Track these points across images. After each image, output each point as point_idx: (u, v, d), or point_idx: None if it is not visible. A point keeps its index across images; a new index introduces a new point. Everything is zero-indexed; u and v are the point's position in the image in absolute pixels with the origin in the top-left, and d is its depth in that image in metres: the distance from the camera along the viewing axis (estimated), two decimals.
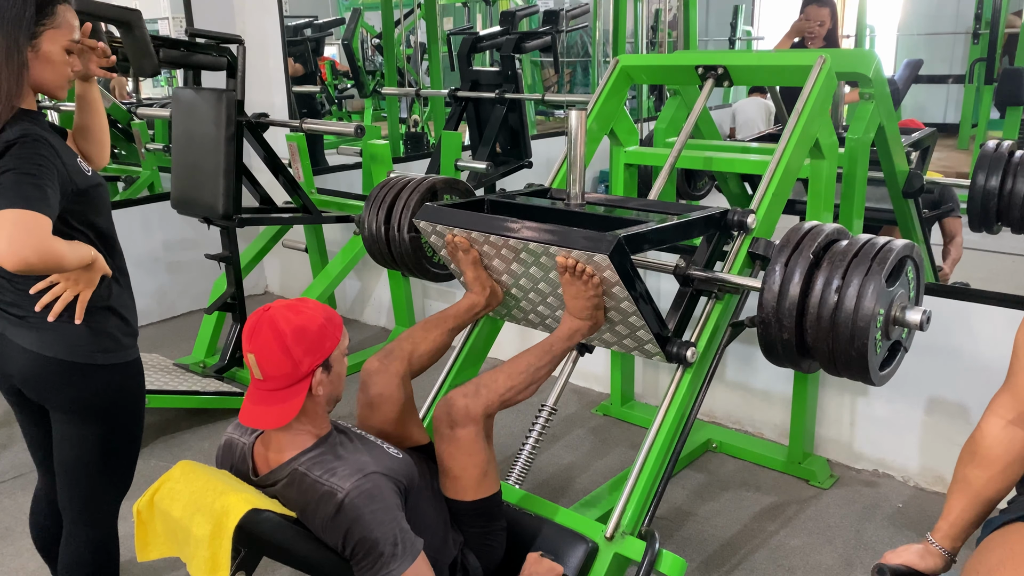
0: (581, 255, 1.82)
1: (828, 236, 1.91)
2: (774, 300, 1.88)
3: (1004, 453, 1.47)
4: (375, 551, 1.52)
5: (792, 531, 2.57)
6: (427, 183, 2.59)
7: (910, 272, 1.91)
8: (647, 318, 1.92)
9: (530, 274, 2.03)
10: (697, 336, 2.08)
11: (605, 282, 1.86)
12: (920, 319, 1.86)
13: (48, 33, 1.66)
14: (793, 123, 2.24)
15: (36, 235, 1.53)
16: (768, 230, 2.19)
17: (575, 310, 1.92)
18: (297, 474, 1.62)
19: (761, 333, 1.94)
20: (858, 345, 1.80)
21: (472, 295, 2.15)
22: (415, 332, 2.06)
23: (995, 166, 2.75)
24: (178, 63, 3.27)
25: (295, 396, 1.59)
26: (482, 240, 2.02)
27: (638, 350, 2.07)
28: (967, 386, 2.62)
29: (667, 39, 5.87)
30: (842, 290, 1.80)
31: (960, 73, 5.96)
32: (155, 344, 4.24)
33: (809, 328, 1.87)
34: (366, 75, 6.21)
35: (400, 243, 2.57)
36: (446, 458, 1.80)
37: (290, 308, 1.61)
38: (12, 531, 2.66)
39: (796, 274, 1.86)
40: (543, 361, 1.90)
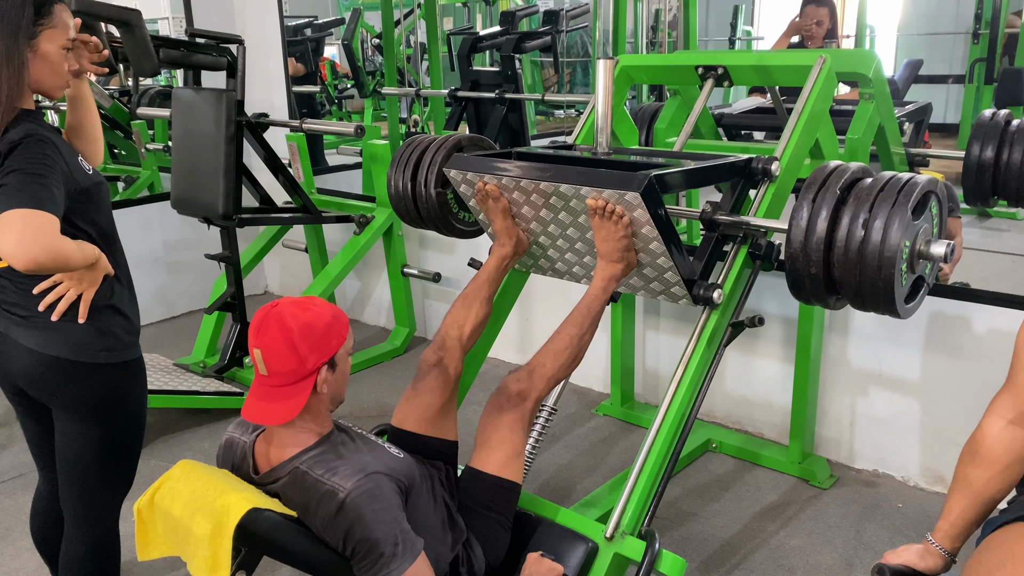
0: (612, 195, 1.84)
1: (854, 174, 1.92)
2: (802, 236, 1.89)
3: (1005, 453, 1.47)
4: (376, 551, 1.52)
5: (792, 531, 2.57)
6: (453, 139, 2.56)
7: (934, 208, 1.93)
8: (676, 259, 1.94)
9: (559, 219, 2.05)
10: (723, 279, 2.10)
11: (635, 222, 1.89)
12: (944, 252, 1.87)
13: (46, 33, 1.67)
14: (793, 123, 2.24)
15: (45, 234, 1.54)
16: (791, 178, 2.22)
17: (607, 252, 1.94)
18: (298, 472, 1.62)
19: (789, 270, 1.95)
20: (885, 276, 1.80)
21: (499, 248, 2.17)
22: (457, 314, 2.10)
23: (991, 135, 2.64)
24: (178, 63, 3.27)
25: (299, 393, 1.59)
26: (512, 186, 2.04)
27: (664, 293, 2.09)
28: (967, 386, 2.62)
29: (667, 39, 5.86)
30: (869, 224, 1.81)
31: (960, 73, 5.95)
32: (155, 344, 4.24)
33: (836, 263, 1.88)
34: (366, 75, 6.21)
35: (427, 199, 2.55)
36: (488, 430, 1.89)
37: (298, 305, 1.62)
38: (12, 531, 2.66)
39: (823, 210, 1.87)
40: (584, 326, 1.94)
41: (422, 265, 4.14)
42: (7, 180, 1.56)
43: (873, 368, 2.82)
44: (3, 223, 1.52)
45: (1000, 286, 2.61)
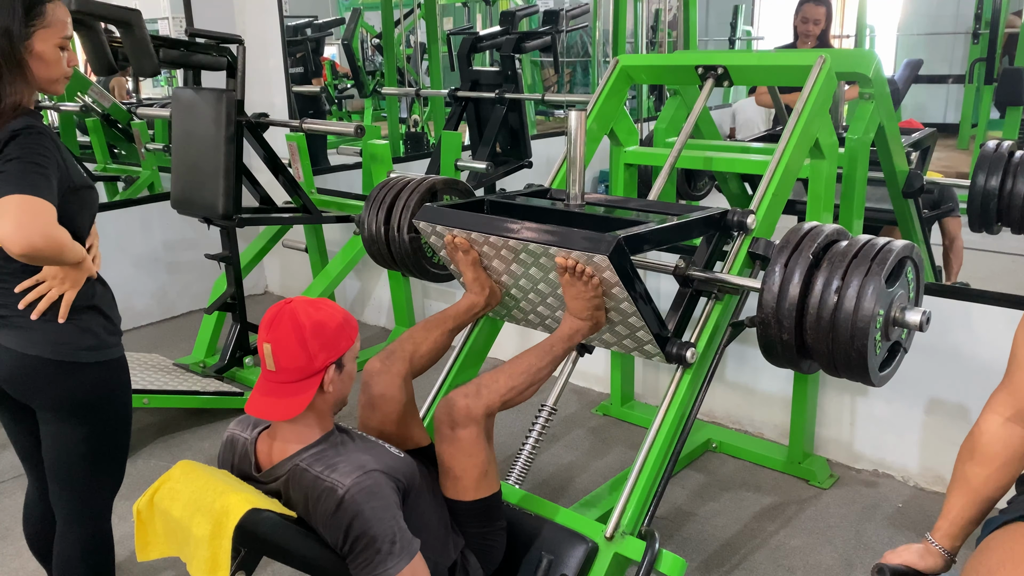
0: (581, 256, 1.82)
1: (828, 237, 1.91)
2: (774, 300, 1.88)
3: (1003, 450, 1.47)
4: (372, 547, 1.53)
5: (792, 531, 2.57)
6: (427, 183, 2.59)
7: (910, 273, 1.91)
8: (647, 319, 1.92)
9: (530, 275, 2.03)
10: (697, 336, 2.08)
11: (605, 282, 1.86)
12: (920, 320, 1.86)
13: (39, 33, 1.68)
14: (793, 123, 2.24)
15: (43, 220, 1.56)
16: (768, 230, 2.19)
17: (575, 310, 1.92)
18: (298, 469, 1.62)
19: (761, 333, 1.94)
20: (858, 346, 1.80)
21: (471, 295, 2.15)
22: (416, 333, 2.06)
23: (995, 166, 2.75)
24: (178, 63, 3.27)
25: (306, 391, 1.60)
26: (482, 241, 2.02)
27: (638, 351, 2.07)
28: (967, 386, 2.62)
29: (667, 39, 5.87)
30: (842, 291, 1.80)
31: (960, 73, 5.95)
32: (155, 344, 4.24)
33: (809, 329, 1.87)
34: (366, 75, 6.21)
35: (400, 244, 2.57)
36: (447, 458, 1.80)
37: (311, 304, 1.64)
38: (12, 531, 2.66)
39: (796, 274, 1.86)
40: (544, 361, 1.89)
41: None
42: (6, 167, 1.57)
43: None
44: (2, 208, 1.53)
45: (1000, 286, 2.61)
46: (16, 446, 2.00)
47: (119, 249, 4.42)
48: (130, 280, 4.49)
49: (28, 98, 1.70)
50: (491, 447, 1.82)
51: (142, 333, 4.46)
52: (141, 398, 3.06)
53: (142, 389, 3.09)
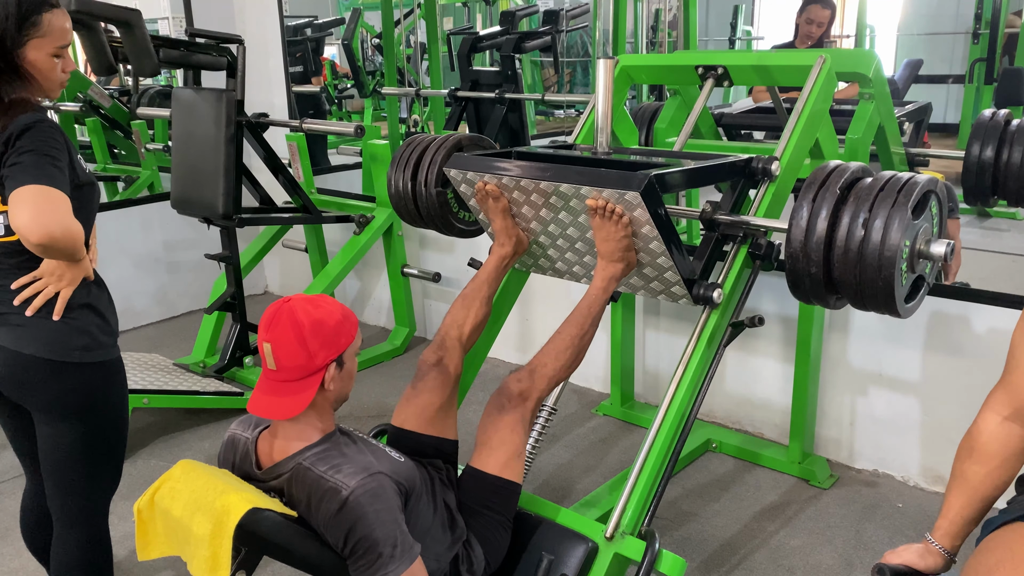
0: (612, 194, 1.84)
1: (853, 173, 1.92)
2: (802, 235, 1.89)
3: (1001, 448, 1.47)
4: (374, 551, 1.53)
5: (792, 531, 2.57)
6: (453, 139, 2.56)
7: (933, 207, 1.93)
8: (675, 258, 1.94)
9: (559, 219, 2.05)
10: (723, 278, 2.10)
11: (635, 222, 1.89)
12: (944, 251, 1.87)
13: (33, 42, 1.69)
14: (793, 123, 2.24)
15: (62, 212, 1.58)
16: (791, 178, 2.22)
17: (607, 252, 1.95)
18: (301, 468, 1.62)
19: (789, 269, 1.95)
20: (885, 276, 1.80)
21: (499, 248, 2.17)
22: (457, 314, 2.10)
23: (991, 135, 2.64)
24: (178, 63, 3.27)
25: (307, 389, 1.60)
26: (512, 185, 2.04)
27: (665, 293, 2.09)
28: (967, 386, 2.61)
29: (667, 39, 5.87)
30: (869, 223, 1.81)
31: (960, 73, 5.96)
32: (155, 344, 4.24)
33: (836, 262, 1.88)
34: (366, 75, 6.22)
35: (427, 199, 2.54)
36: (489, 430, 1.89)
37: (310, 302, 1.64)
38: (12, 531, 2.66)
39: (823, 209, 1.87)
40: (585, 326, 1.94)
41: (422, 265, 4.14)
42: (21, 159, 1.59)
43: (873, 368, 2.82)
44: (20, 197, 1.55)
45: (1000, 286, 2.61)
46: (14, 445, 2.00)
47: (119, 249, 4.42)
48: (130, 280, 4.49)
49: (33, 95, 1.72)
50: (527, 436, 1.91)
51: (142, 333, 4.46)
52: (141, 398, 3.06)
53: (142, 389, 3.09)
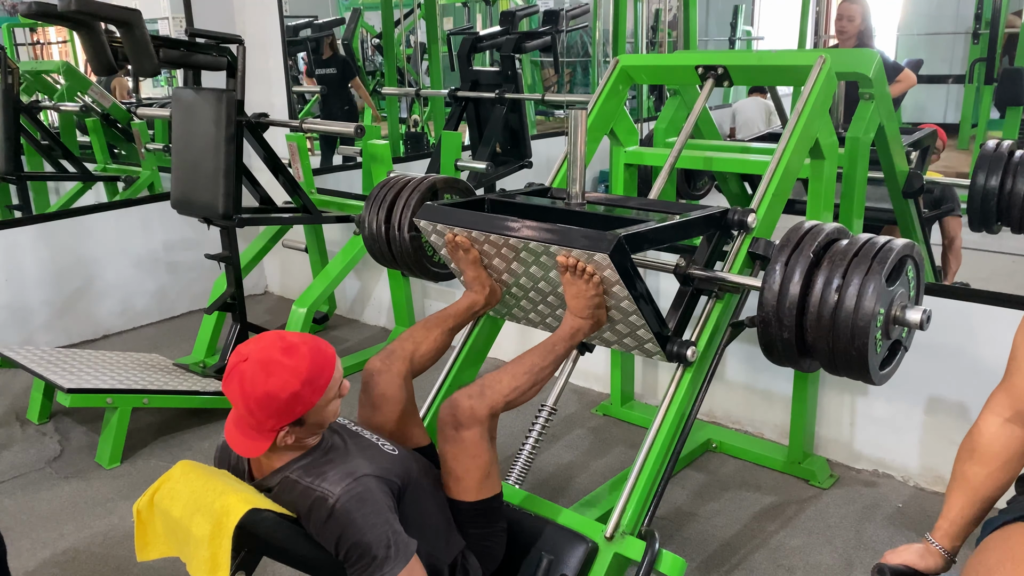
0: (581, 254, 1.83)
1: (828, 235, 1.91)
2: (774, 299, 1.89)
3: (1002, 450, 1.47)
4: (368, 554, 1.53)
5: (792, 531, 2.57)
6: (427, 182, 2.60)
7: (910, 271, 1.92)
8: (647, 317, 1.92)
9: (530, 273, 2.03)
10: (697, 335, 2.08)
11: (606, 281, 1.86)
12: (920, 318, 1.86)
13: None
14: (793, 123, 2.24)
15: None
16: (768, 229, 2.19)
17: (576, 309, 1.92)
18: (288, 481, 1.62)
19: (761, 332, 1.94)
20: (858, 344, 1.80)
21: (472, 294, 2.15)
22: (416, 332, 2.05)
23: (995, 166, 2.76)
24: (178, 63, 3.26)
25: (259, 440, 1.58)
26: (482, 239, 2.02)
27: (638, 349, 2.07)
28: (967, 386, 2.62)
29: (667, 39, 5.87)
30: (842, 289, 1.80)
31: (960, 73, 5.95)
32: (155, 344, 4.24)
33: (809, 327, 1.87)
34: (366, 75, 6.21)
35: (400, 242, 2.57)
36: (449, 459, 1.79)
37: (264, 367, 1.53)
38: (12, 531, 2.66)
39: (796, 273, 1.86)
40: (546, 361, 1.89)
41: None
42: None
43: None
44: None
45: (1000, 286, 2.61)
46: None
47: (119, 249, 4.43)
48: (130, 280, 4.49)
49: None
50: (494, 448, 1.81)
51: (142, 333, 4.46)
52: (141, 398, 3.06)
53: (142, 389, 3.09)
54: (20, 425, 3.34)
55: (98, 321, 4.36)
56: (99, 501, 2.81)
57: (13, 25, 5.10)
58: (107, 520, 2.69)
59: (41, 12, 2.80)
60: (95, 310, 4.34)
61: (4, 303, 4.05)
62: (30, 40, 5.41)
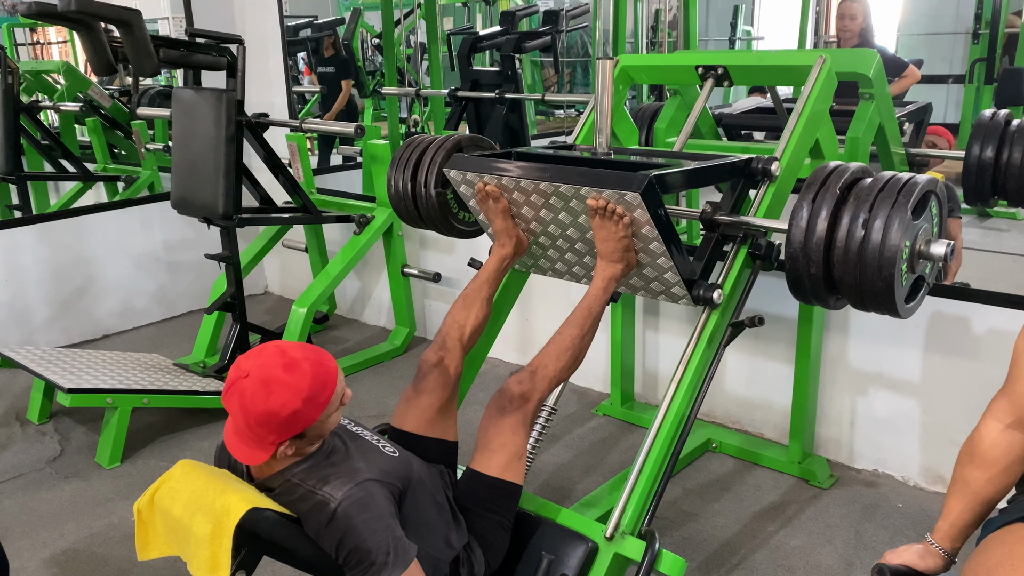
0: (612, 195, 1.84)
1: (853, 174, 1.92)
2: (802, 236, 1.89)
3: (1003, 455, 1.47)
4: (368, 559, 1.53)
5: (792, 531, 2.57)
6: (452, 139, 2.55)
7: (933, 208, 1.93)
8: (675, 259, 1.94)
9: (559, 220, 2.05)
10: (723, 279, 2.10)
11: (635, 222, 1.89)
12: (944, 251, 1.88)
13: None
14: (793, 123, 2.24)
15: None
16: (791, 178, 2.22)
17: (607, 252, 1.94)
18: (290, 484, 1.62)
19: (789, 269, 1.95)
20: (885, 276, 1.81)
21: (499, 248, 2.17)
22: (457, 314, 2.09)
23: (991, 135, 2.64)
24: (178, 63, 3.27)
25: (259, 452, 1.57)
26: (512, 186, 2.04)
27: (665, 294, 2.09)
28: (967, 386, 2.62)
29: (667, 39, 5.86)
30: (869, 223, 1.81)
31: (960, 73, 5.95)
32: (155, 344, 4.24)
33: (836, 262, 1.88)
34: (366, 75, 6.21)
35: (427, 199, 2.54)
36: (491, 432, 1.86)
37: (264, 385, 1.51)
38: (12, 531, 2.66)
39: (823, 209, 1.87)
40: (585, 327, 1.93)
41: (422, 265, 4.14)
42: None
43: (873, 368, 2.82)
44: None
45: (1000, 286, 2.61)
46: None
47: (119, 249, 4.43)
48: (130, 280, 4.49)
49: None
50: (527, 438, 1.89)
51: (142, 333, 4.46)
52: (141, 398, 3.06)
53: (142, 389, 3.09)
54: (20, 425, 3.34)
55: (98, 321, 4.36)
56: (99, 501, 2.81)
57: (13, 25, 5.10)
58: (107, 520, 2.69)
59: (41, 12, 2.80)
60: (95, 310, 4.34)
61: (4, 303, 4.05)
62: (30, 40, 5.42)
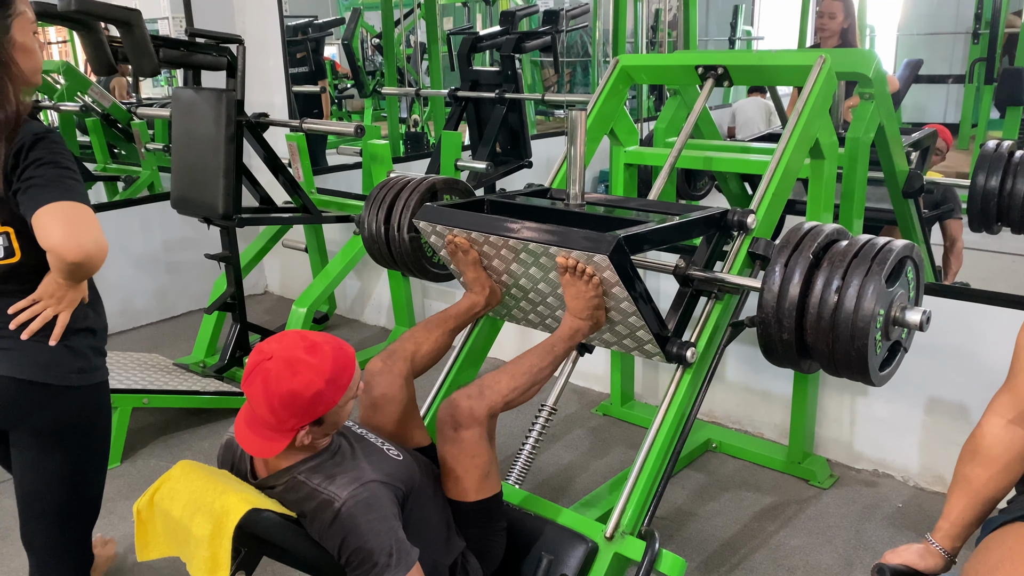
0: (581, 255, 1.83)
1: (828, 236, 1.91)
2: (774, 300, 1.88)
3: (1004, 452, 1.47)
4: (369, 561, 1.53)
5: (792, 531, 2.57)
6: (427, 183, 2.60)
7: (910, 272, 1.92)
8: (647, 318, 1.92)
9: (530, 274, 2.03)
10: (697, 336, 2.08)
11: (605, 282, 1.86)
12: (920, 319, 1.86)
13: (16, 24, 1.63)
14: (793, 123, 2.24)
15: (94, 227, 1.55)
16: (768, 230, 2.19)
17: (576, 310, 1.92)
18: (295, 481, 1.62)
19: (761, 333, 1.94)
20: (858, 345, 1.80)
21: (472, 295, 2.15)
22: (417, 333, 2.06)
23: (995, 166, 2.75)
24: (178, 63, 3.27)
25: (279, 439, 1.57)
26: (482, 240, 2.02)
27: (638, 350, 2.07)
28: (967, 386, 2.62)
29: (667, 39, 5.87)
30: (842, 290, 1.80)
31: (960, 73, 5.95)
32: (155, 344, 4.24)
33: (809, 328, 1.87)
34: (366, 75, 6.21)
35: (400, 243, 2.57)
36: (449, 459, 1.79)
37: (289, 366, 1.52)
38: (12, 531, 2.65)
39: (796, 274, 1.86)
40: (545, 362, 1.89)
41: None
42: (41, 172, 1.55)
43: None
44: (50, 215, 1.51)
45: (1000, 286, 2.61)
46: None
47: (119, 249, 4.42)
48: (130, 280, 4.49)
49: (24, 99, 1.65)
50: (493, 448, 1.81)
51: (142, 333, 4.46)
52: (141, 398, 3.06)
53: (142, 389, 3.09)
54: None
55: None
56: None
57: None
58: (107, 520, 2.68)
59: (41, 12, 2.80)
60: None
61: None
62: None
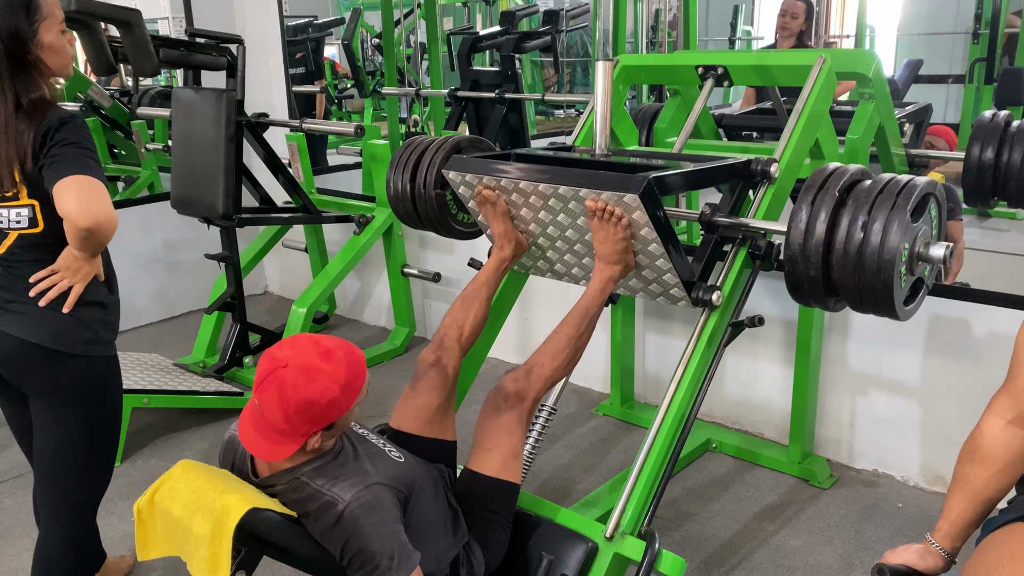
0: (611, 196, 1.84)
1: (852, 176, 1.93)
2: (801, 238, 1.90)
3: (1004, 452, 1.47)
4: (371, 563, 1.53)
5: (792, 531, 2.57)
6: (452, 140, 2.56)
7: (932, 210, 1.93)
8: (674, 260, 1.95)
9: (558, 221, 2.05)
10: (722, 281, 2.10)
11: (634, 224, 1.89)
12: (943, 254, 1.88)
13: (43, 26, 1.77)
14: (793, 123, 2.24)
15: (105, 199, 1.74)
16: (790, 179, 2.22)
17: (605, 254, 1.94)
18: (298, 482, 1.62)
19: (788, 272, 1.95)
20: (884, 278, 1.81)
21: (498, 250, 2.17)
22: (456, 315, 2.09)
23: (991, 136, 2.64)
24: (178, 63, 3.27)
25: (288, 444, 1.56)
26: (510, 188, 2.04)
27: (664, 295, 2.09)
28: (967, 386, 2.62)
29: (667, 39, 5.86)
30: (868, 226, 1.81)
31: (960, 73, 5.95)
32: (155, 344, 4.24)
33: (835, 265, 1.88)
34: (366, 75, 6.21)
35: (426, 201, 2.54)
36: (486, 432, 1.87)
37: (306, 373, 1.52)
38: (12, 531, 2.66)
39: (822, 212, 1.87)
40: (582, 327, 1.93)
41: (422, 265, 4.14)
42: (65, 151, 1.71)
43: (873, 368, 2.82)
44: (67, 185, 1.68)
45: (1000, 286, 2.61)
46: (16, 435, 2.07)
47: (119, 249, 4.36)
48: (130, 280, 4.48)
49: (49, 91, 1.80)
50: (524, 437, 1.89)
51: (142, 333, 4.46)
52: (141, 398, 3.06)
53: (142, 389, 3.09)
54: None
55: None
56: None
57: None
58: (107, 520, 2.68)
59: None
60: None
61: None
62: None
